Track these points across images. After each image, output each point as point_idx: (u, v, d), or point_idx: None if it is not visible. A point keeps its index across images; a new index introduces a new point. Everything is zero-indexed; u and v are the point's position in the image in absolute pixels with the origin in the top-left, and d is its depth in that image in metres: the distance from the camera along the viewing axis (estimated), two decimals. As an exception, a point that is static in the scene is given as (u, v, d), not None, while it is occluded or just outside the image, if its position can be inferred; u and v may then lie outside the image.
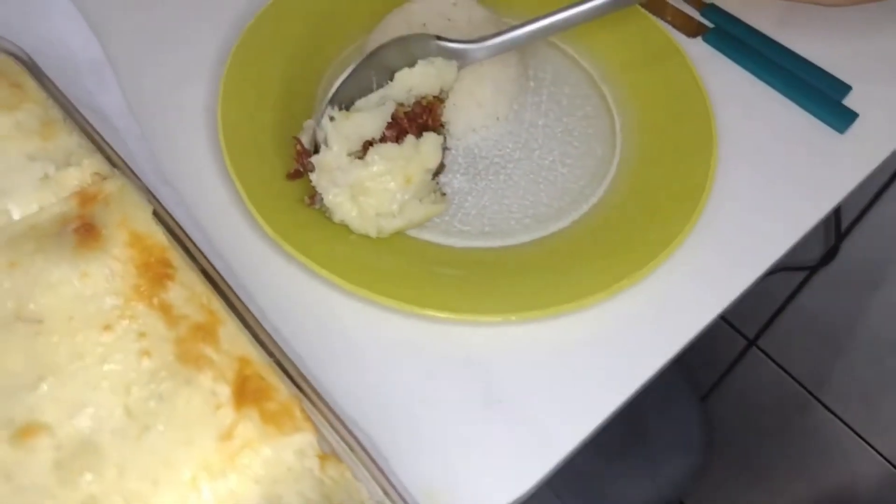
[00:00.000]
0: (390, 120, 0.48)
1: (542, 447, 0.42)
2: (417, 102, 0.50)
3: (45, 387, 0.32)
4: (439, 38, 0.50)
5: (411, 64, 0.49)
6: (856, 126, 0.56)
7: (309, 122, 0.49)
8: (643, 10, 0.59)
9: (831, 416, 0.99)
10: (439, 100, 0.50)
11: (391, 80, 0.49)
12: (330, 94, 0.48)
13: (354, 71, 0.48)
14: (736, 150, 0.54)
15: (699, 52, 0.59)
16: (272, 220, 0.46)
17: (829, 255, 0.87)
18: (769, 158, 0.54)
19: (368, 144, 0.48)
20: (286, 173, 0.49)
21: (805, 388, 1.00)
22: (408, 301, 0.45)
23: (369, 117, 0.48)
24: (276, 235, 0.46)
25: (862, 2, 0.47)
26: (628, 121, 0.55)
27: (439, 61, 0.50)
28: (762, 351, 1.01)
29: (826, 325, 0.94)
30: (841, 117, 0.55)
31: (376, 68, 0.49)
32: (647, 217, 0.50)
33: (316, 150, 0.48)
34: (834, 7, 0.45)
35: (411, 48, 0.49)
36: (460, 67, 0.50)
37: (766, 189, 0.52)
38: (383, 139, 0.48)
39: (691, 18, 0.61)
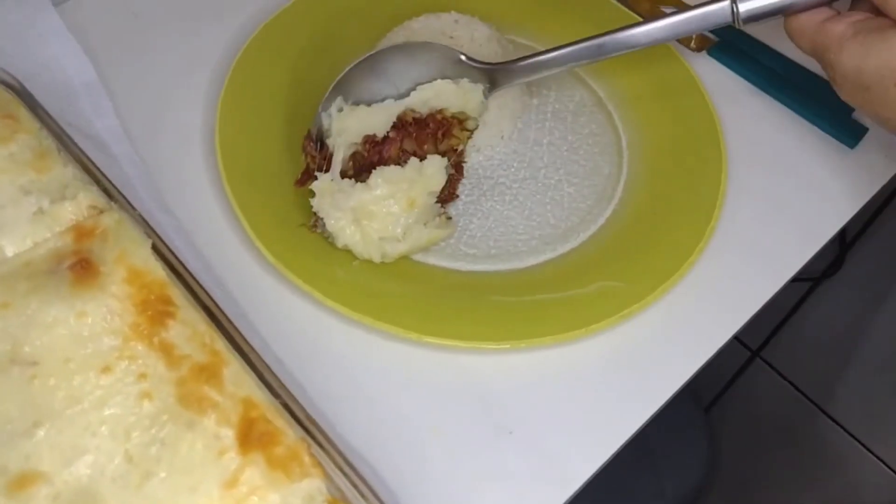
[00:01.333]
0: (396, 121, 0.47)
1: (555, 479, 0.41)
2: (432, 115, 0.48)
3: (41, 433, 0.31)
4: (464, 55, 0.48)
5: (430, 77, 0.48)
6: (866, 140, 0.55)
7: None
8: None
9: (835, 426, 0.98)
10: (458, 120, 0.49)
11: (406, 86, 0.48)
12: (338, 78, 0.47)
13: (370, 59, 0.47)
14: (745, 167, 0.53)
15: (704, 66, 0.58)
16: (273, 246, 0.45)
17: (834, 265, 0.86)
18: (779, 175, 0.53)
19: (370, 138, 0.47)
20: (294, 180, 0.48)
21: (809, 398, 0.99)
22: (414, 329, 0.43)
23: (374, 112, 0.47)
24: (278, 262, 0.45)
25: None
26: (635, 138, 0.54)
27: (464, 82, 0.49)
28: (765, 362, 1.00)
29: (830, 335, 0.93)
30: (850, 132, 0.54)
31: (393, 65, 0.48)
32: (656, 238, 0.49)
33: (319, 139, 0.47)
34: None
35: (437, 58, 0.48)
36: (486, 93, 0.49)
37: (777, 206, 0.51)
38: (385, 139, 0.47)
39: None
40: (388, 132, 0.48)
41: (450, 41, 0.53)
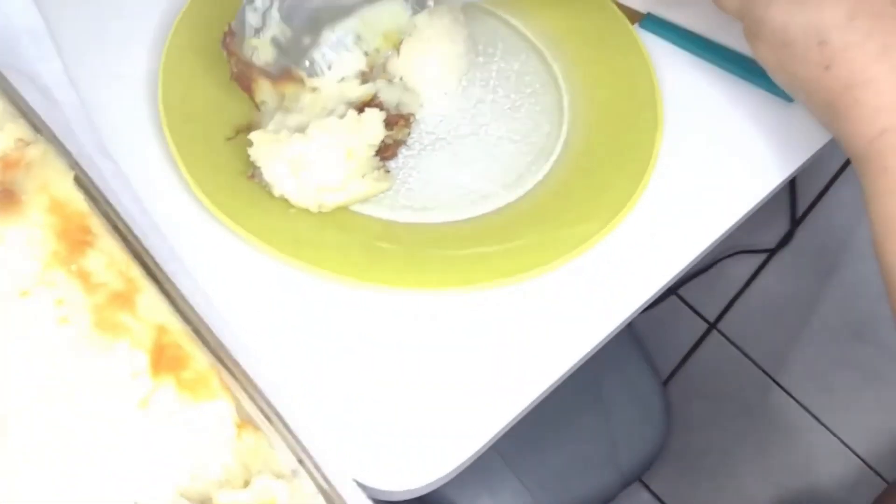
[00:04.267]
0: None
1: (483, 416, 0.42)
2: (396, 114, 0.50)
3: (-44, 355, 0.31)
4: None
5: None
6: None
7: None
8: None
9: (788, 397, 1.00)
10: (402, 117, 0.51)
11: None
12: None
13: None
14: (683, 126, 0.53)
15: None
16: (211, 193, 0.46)
17: (786, 239, 0.88)
18: (718, 131, 0.54)
19: None
20: (234, 128, 0.49)
21: (764, 370, 1.01)
22: (348, 274, 0.44)
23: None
24: (215, 208, 0.45)
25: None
26: (576, 97, 0.55)
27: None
28: (722, 334, 1.02)
29: (784, 307, 0.94)
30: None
31: None
32: (592, 192, 0.50)
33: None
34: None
35: None
36: (415, 8, 0.50)
37: (715, 161, 0.52)
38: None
39: (625, 7, 0.60)
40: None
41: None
